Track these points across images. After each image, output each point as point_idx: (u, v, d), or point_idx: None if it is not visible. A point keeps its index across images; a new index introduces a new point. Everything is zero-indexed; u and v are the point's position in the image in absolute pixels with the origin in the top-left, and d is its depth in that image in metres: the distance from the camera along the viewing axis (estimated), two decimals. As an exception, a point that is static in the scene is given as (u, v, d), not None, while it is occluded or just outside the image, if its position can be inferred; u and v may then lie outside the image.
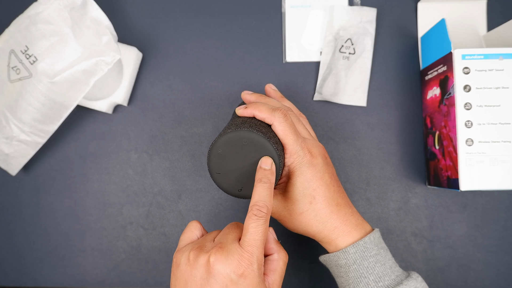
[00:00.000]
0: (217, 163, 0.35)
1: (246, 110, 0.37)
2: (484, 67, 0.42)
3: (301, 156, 0.36)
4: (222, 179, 0.35)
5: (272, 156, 0.34)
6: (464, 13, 0.52)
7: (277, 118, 0.36)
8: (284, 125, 0.36)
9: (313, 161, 0.36)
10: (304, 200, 0.36)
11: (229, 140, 0.34)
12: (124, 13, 0.53)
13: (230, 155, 0.34)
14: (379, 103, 0.51)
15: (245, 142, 0.34)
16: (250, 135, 0.34)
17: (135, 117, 0.52)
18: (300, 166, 0.36)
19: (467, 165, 0.41)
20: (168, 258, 0.51)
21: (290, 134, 0.36)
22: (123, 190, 0.52)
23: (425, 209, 0.50)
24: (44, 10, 0.42)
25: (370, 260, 0.36)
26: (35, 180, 0.52)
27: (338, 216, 0.36)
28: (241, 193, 0.36)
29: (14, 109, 0.44)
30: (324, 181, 0.36)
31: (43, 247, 0.52)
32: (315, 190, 0.36)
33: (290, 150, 0.36)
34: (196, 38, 0.53)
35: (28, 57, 0.43)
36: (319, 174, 0.36)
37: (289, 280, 0.50)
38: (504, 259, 0.49)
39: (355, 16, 0.51)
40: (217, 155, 0.35)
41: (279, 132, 0.36)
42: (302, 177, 0.36)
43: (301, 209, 0.36)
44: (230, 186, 0.35)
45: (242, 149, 0.34)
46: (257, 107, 0.37)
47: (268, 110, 0.36)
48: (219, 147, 0.34)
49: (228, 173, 0.35)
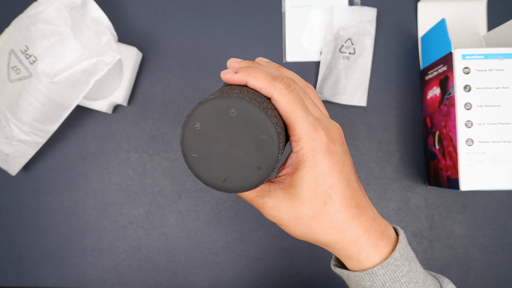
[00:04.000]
0: (194, 141, 0.26)
1: (236, 75, 0.28)
2: (484, 67, 0.42)
3: (314, 140, 0.27)
4: (200, 163, 0.26)
5: (270, 134, 0.25)
6: (464, 13, 0.52)
7: (278, 88, 0.27)
8: (289, 98, 0.27)
9: (331, 147, 0.28)
10: (317, 200, 0.28)
11: (211, 110, 0.25)
12: (124, 13, 0.53)
13: (212, 131, 0.26)
14: (379, 103, 0.51)
15: (232, 113, 0.25)
16: (240, 104, 0.25)
17: (135, 117, 0.52)
18: (314, 154, 0.27)
19: (467, 165, 0.41)
20: (168, 258, 0.51)
21: (298, 109, 0.27)
22: (123, 190, 0.52)
23: (425, 209, 0.50)
24: (44, 10, 0.42)
25: (402, 281, 0.29)
26: (35, 180, 0.52)
27: (360, 222, 0.29)
28: (226, 184, 0.27)
29: (14, 109, 0.44)
30: (343, 175, 0.28)
31: (43, 247, 0.52)
32: (332, 187, 0.28)
33: (299, 132, 0.27)
34: (196, 38, 0.53)
35: (28, 57, 0.43)
36: (338, 166, 0.28)
37: (290, 281, 0.50)
38: (504, 259, 0.49)
39: (355, 16, 0.51)
40: (194, 130, 0.26)
41: (282, 107, 0.27)
42: (316, 169, 0.27)
43: (313, 212, 0.28)
44: (210, 174, 0.27)
45: (229, 123, 0.26)
46: (251, 73, 0.28)
47: (266, 78, 0.27)
48: (197, 119, 0.26)
49: (209, 156, 0.26)
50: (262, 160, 0.26)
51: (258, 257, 0.50)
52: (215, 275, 0.50)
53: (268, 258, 0.50)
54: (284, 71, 0.33)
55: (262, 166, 0.26)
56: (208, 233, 0.51)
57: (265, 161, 0.26)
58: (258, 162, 0.26)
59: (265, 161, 0.26)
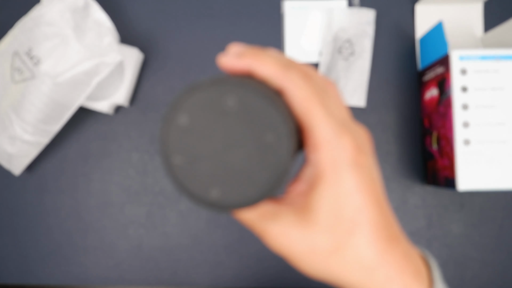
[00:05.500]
0: (177, 140, 0.19)
1: (238, 59, 0.21)
2: (481, 68, 0.42)
3: (337, 148, 0.20)
4: (184, 170, 0.19)
5: (279, 134, 0.19)
6: (461, 15, 0.52)
7: (293, 79, 0.20)
8: (306, 92, 0.20)
9: (359, 159, 0.21)
10: (339, 229, 0.21)
11: (201, 99, 0.19)
12: (126, 15, 0.54)
13: (201, 127, 0.19)
14: (377, 104, 0.52)
15: (230, 105, 0.19)
16: (240, 92, 0.19)
17: (136, 118, 0.53)
18: (336, 167, 0.21)
19: (465, 165, 0.42)
20: (169, 257, 0.51)
21: (317, 107, 0.20)
22: (124, 189, 0.52)
23: (423, 209, 0.51)
24: (47, 12, 0.43)
25: None
26: (38, 179, 0.53)
27: (393, 259, 0.22)
28: (216, 198, 0.19)
29: (17, 109, 0.45)
30: (374, 195, 0.21)
31: (46, 246, 0.52)
32: (360, 212, 0.21)
33: (318, 137, 0.21)
34: (197, 39, 0.53)
35: (31, 58, 0.43)
36: (368, 183, 0.21)
37: (291, 281, 0.50)
38: (500, 258, 0.50)
39: (354, 17, 0.51)
40: (178, 126, 0.19)
41: (298, 104, 0.20)
42: (339, 186, 0.21)
43: (333, 245, 0.21)
44: (197, 184, 0.19)
45: (225, 118, 0.19)
46: (258, 57, 0.21)
47: (278, 64, 0.21)
48: (183, 111, 0.19)
49: (196, 161, 0.19)
50: (266, 168, 0.19)
51: (259, 257, 0.51)
52: (216, 274, 0.51)
53: (269, 257, 0.51)
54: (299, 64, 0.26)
55: (266, 177, 0.19)
56: (209, 233, 0.51)
57: (270, 171, 0.19)
58: (260, 171, 0.19)
59: (270, 170, 0.19)
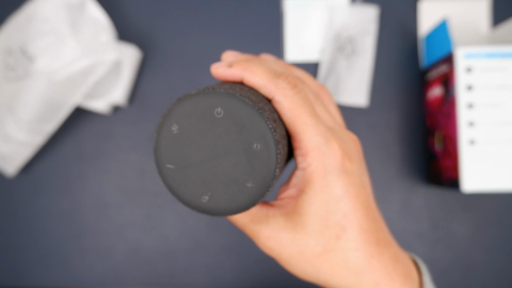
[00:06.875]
0: (170, 148, 0.21)
1: (229, 69, 0.23)
2: (487, 66, 0.41)
3: (326, 154, 0.22)
4: (177, 177, 0.22)
5: (265, 142, 0.20)
6: (466, 12, 0.51)
7: (281, 88, 0.22)
8: (294, 100, 0.22)
9: (347, 165, 0.22)
10: (327, 233, 0.22)
11: (192, 108, 0.21)
12: (123, 12, 0.53)
13: (192, 136, 0.21)
14: (380, 103, 0.51)
15: (218, 114, 0.21)
16: (228, 102, 0.20)
17: (134, 117, 0.52)
18: (325, 173, 0.22)
19: (469, 166, 0.41)
20: (167, 259, 0.50)
21: (305, 115, 0.22)
22: (121, 190, 0.51)
23: (426, 210, 0.50)
24: (41, 8, 0.42)
25: None
26: (33, 180, 0.52)
27: (381, 263, 0.23)
28: (208, 204, 0.21)
29: (12, 108, 0.44)
30: (361, 201, 0.23)
31: (41, 247, 0.51)
32: (348, 217, 0.22)
33: (306, 144, 0.22)
34: (196, 38, 0.52)
35: (26, 56, 0.42)
36: (355, 189, 0.22)
37: (291, 282, 0.50)
38: (507, 261, 0.49)
39: (356, 15, 0.51)
40: (170, 134, 0.21)
41: (286, 112, 0.22)
42: (327, 192, 0.22)
43: (322, 248, 0.22)
44: (189, 190, 0.21)
45: (214, 127, 0.21)
46: (248, 67, 0.23)
47: (267, 74, 0.22)
48: (174, 120, 0.21)
49: (188, 168, 0.21)
50: (254, 175, 0.21)
51: (259, 258, 0.50)
52: (215, 276, 0.50)
53: (268, 259, 0.50)
54: (294, 70, 0.28)
55: (254, 183, 0.21)
56: (207, 234, 0.50)
57: (258, 177, 0.21)
58: (248, 177, 0.21)
59: (258, 177, 0.21)
